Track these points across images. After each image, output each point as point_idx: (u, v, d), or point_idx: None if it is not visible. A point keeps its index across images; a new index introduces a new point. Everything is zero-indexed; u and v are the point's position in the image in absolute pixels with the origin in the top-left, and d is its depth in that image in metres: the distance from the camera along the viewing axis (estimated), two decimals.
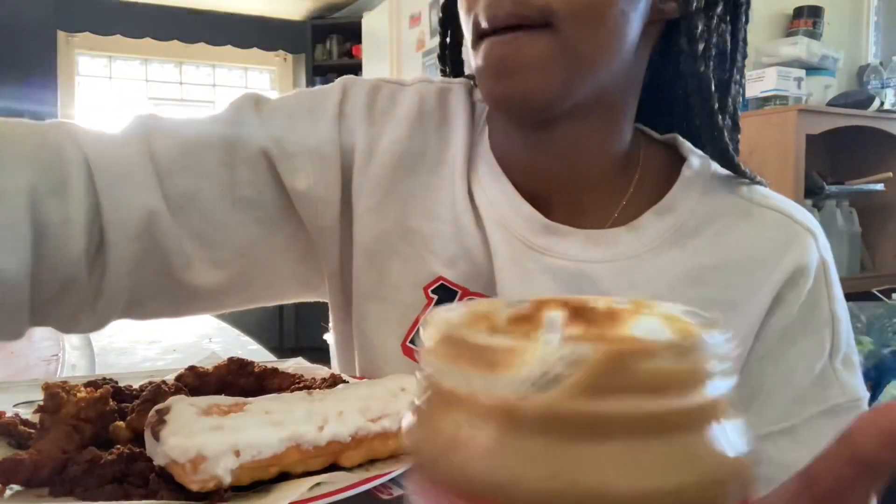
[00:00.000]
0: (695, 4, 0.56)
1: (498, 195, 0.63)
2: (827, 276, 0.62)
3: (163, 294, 0.61)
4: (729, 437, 0.24)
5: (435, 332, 0.24)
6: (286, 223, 0.65)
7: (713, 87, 0.58)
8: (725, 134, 0.59)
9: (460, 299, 0.62)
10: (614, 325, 0.30)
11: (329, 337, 0.77)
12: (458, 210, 0.63)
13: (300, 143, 0.64)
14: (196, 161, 0.61)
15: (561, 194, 0.62)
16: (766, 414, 0.59)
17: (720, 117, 0.59)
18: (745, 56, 0.64)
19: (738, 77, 0.63)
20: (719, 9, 0.59)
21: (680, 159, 0.64)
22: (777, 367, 0.59)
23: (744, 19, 0.62)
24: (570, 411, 0.22)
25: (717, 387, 0.24)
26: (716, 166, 0.63)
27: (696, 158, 0.63)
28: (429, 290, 0.63)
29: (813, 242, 0.62)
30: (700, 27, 0.56)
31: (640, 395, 0.22)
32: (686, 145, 0.65)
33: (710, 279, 0.59)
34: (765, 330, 0.59)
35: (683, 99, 0.62)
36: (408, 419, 0.25)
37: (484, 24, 0.52)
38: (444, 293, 0.63)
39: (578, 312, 0.31)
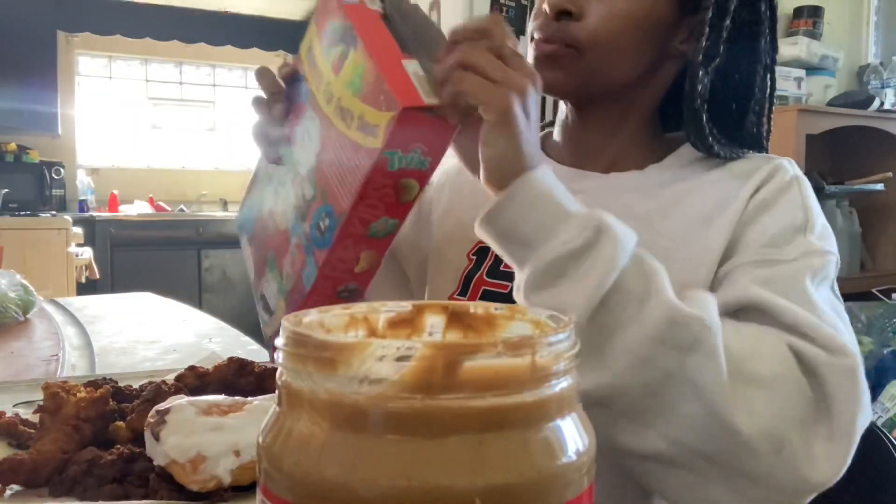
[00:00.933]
0: (700, 56, 0.68)
1: None
2: (801, 183, 0.68)
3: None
4: (568, 433, 0.24)
5: (284, 332, 0.25)
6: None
7: (704, 120, 0.69)
8: (706, 129, 0.70)
9: (492, 252, 0.69)
10: (491, 329, 0.31)
11: None
12: None
13: None
14: None
15: (601, 161, 0.76)
16: (740, 256, 0.64)
17: (710, 138, 0.70)
18: (764, 73, 0.73)
19: (756, 91, 0.72)
20: (724, 49, 0.69)
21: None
22: (755, 227, 0.65)
23: (765, 49, 0.72)
24: (403, 408, 0.22)
25: (557, 384, 0.24)
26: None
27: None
28: (470, 254, 0.76)
29: (789, 165, 0.71)
30: (700, 75, 0.68)
31: (473, 392, 0.22)
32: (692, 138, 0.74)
33: (699, 190, 0.69)
34: (746, 209, 0.66)
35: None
36: (265, 422, 0.26)
37: (533, 34, 0.71)
38: (481, 253, 0.75)
39: (457, 317, 0.32)
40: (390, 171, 0.55)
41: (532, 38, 0.72)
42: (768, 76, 0.72)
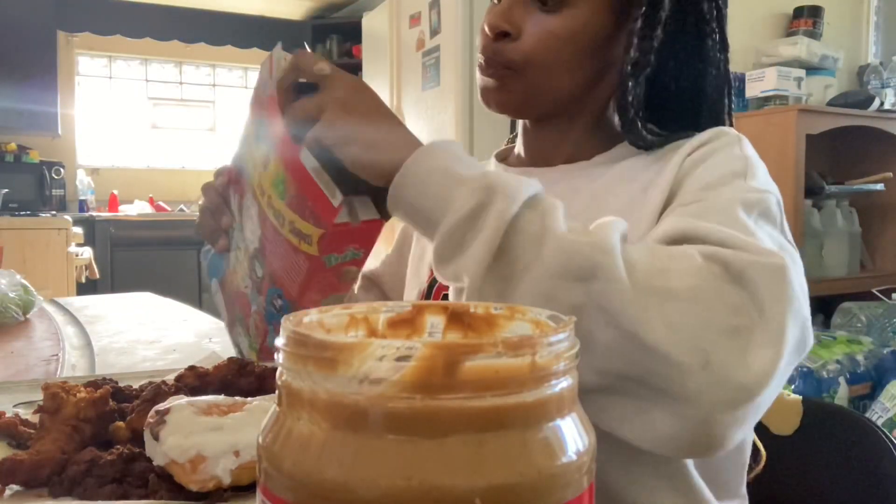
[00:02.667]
0: (629, 67, 0.69)
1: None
2: (741, 140, 0.66)
3: None
4: (568, 433, 0.24)
5: (284, 332, 0.25)
6: None
7: (629, 89, 0.69)
8: (643, 133, 0.70)
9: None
10: (491, 329, 0.31)
11: None
12: None
13: None
14: None
15: (544, 163, 0.77)
16: (675, 203, 0.62)
17: (649, 140, 0.70)
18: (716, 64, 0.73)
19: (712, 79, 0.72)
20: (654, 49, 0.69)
21: None
22: (691, 178, 0.64)
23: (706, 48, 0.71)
24: (403, 408, 0.22)
25: (557, 384, 0.24)
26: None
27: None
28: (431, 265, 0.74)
29: (732, 129, 0.69)
30: (630, 85, 0.69)
31: (473, 392, 0.22)
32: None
33: (643, 169, 0.69)
34: (682, 165, 0.65)
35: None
36: (265, 422, 0.26)
37: (479, 58, 0.74)
38: (432, 286, 0.78)
39: (457, 317, 0.32)
40: (328, 268, 0.62)
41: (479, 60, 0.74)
42: (722, 75, 0.72)
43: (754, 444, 0.72)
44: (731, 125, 0.73)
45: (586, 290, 0.48)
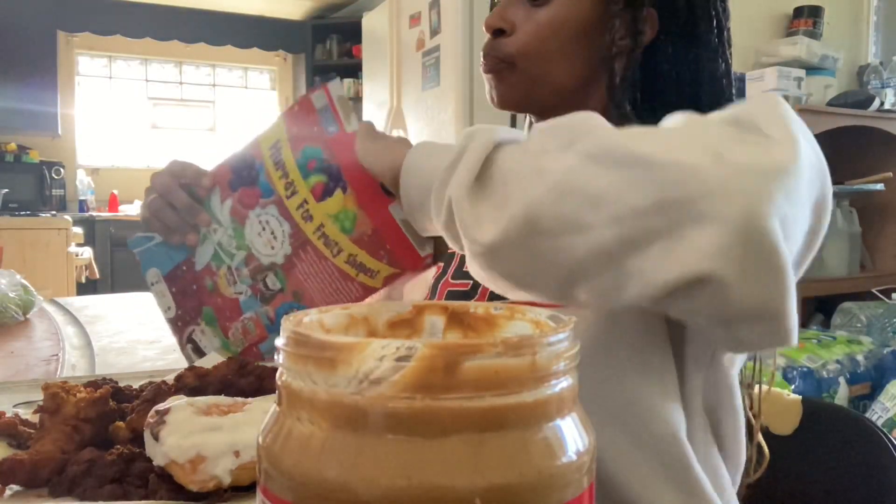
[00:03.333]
0: (614, 50, 0.70)
1: None
2: None
3: None
4: (568, 433, 0.24)
5: (284, 332, 0.25)
6: None
7: (616, 85, 0.71)
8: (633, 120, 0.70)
9: (457, 255, 0.76)
10: (491, 329, 0.31)
11: None
12: None
13: None
14: None
15: None
16: None
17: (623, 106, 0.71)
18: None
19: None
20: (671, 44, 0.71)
21: None
22: None
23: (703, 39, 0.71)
24: (403, 408, 0.22)
25: (557, 384, 0.24)
26: None
27: None
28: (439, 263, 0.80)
29: None
30: (620, 73, 0.71)
31: (473, 392, 0.22)
32: None
33: None
34: None
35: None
36: (265, 422, 0.26)
37: (481, 56, 0.76)
38: (448, 258, 0.78)
39: (457, 317, 0.32)
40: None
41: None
42: (720, 64, 0.72)
43: (759, 446, 0.71)
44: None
45: (575, 151, 0.47)
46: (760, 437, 0.71)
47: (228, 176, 0.77)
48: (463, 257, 0.64)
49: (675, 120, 0.51)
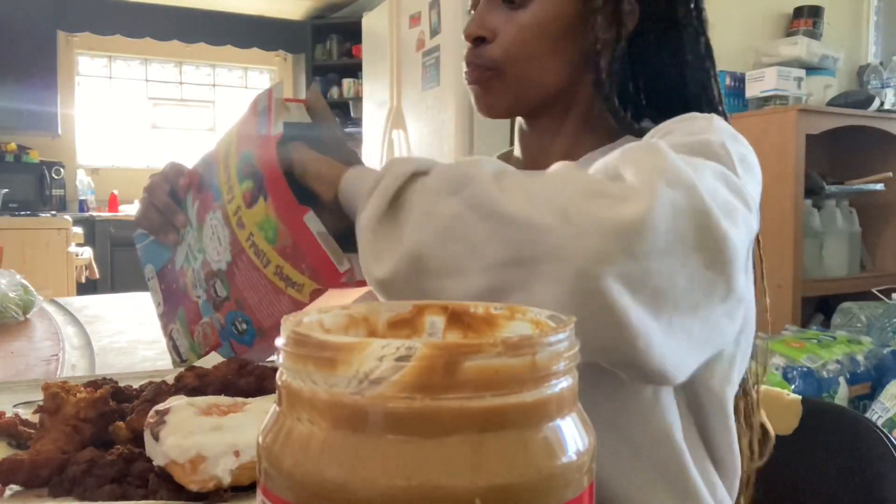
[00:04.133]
0: (599, 44, 0.69)
1: None
2: (712, 119, 0.63)
3: None
4: (568, 433, 0.24)
5: (284, 332, 0.25)
6: None
7: (603, 76, 0.71)
8: (621, 113, 0.71)
9: None
10: (491, 329, 0.31)
11: None
12: None
13: None
14: None
15: (539, 163, 0.75)
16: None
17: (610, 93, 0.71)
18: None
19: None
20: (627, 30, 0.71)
21: None
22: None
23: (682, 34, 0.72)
24: (403, 408, 0.22)
25: (557, 384, 0.24)
26: None
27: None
28: None
29: (708, 116, 0.65)
30: (603, 64, 0.70)
31: (473, 392, 0.22)
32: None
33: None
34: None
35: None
36: (265, 422, 0.26)
37: (463, 67, 0.76)
38: None
39: (457, 317, 0.32)
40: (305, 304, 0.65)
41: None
42: (701, 61, 0.72)
43: (763, 427, 0.71)
44: (722, 111, 0.71)
45: (459, 199, 0.51)
46: (763, 416, 0.71)
47: (198, 177, 0.77)
48: None
49: (559, 167, 0.55)
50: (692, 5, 0.72)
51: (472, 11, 0.77)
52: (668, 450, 0.61)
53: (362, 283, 0.63)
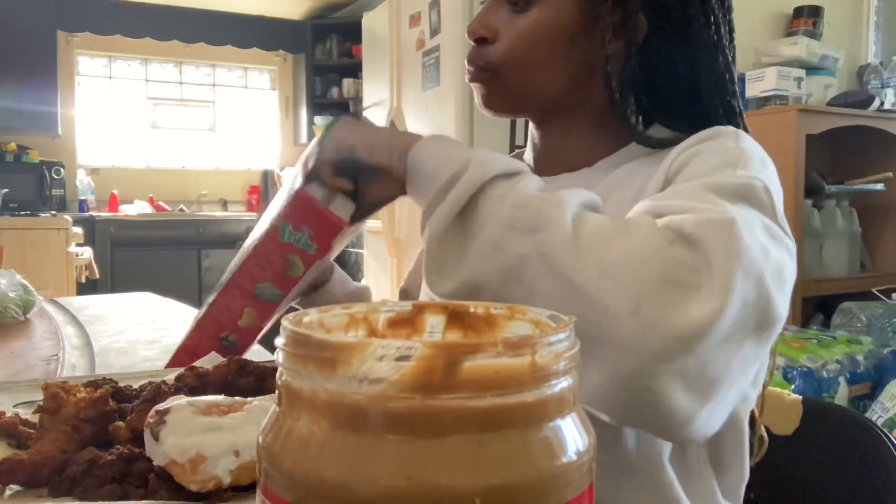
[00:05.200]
0: (608, 53, 0.69)
1: None
2: (738, 133, 0.64)
3: None
4: (568, 433, 0.24)
5: (284, 332, 0.25)
6: None
7: (614, 87, 0.70)
8: (632, 118, 0.70)
9: None
10: (491, 329, 0.31)
11: None
12: None
13: None
14: None
15: (550, 167, 0.77)
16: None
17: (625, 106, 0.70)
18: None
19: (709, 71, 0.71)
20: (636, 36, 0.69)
21: None
22: (680, 176, 0.62)
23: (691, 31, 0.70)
24: (403, 408, 0.22)
25: (557, 384, 0.24)
26: None
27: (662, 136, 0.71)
28: None
29: (733, 133, 0.65)
30: (610, 71, 0.69)
31: (473, 392, 0.22)
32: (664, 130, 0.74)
33: (639, 172, 0.69)
34: (671, 166, 0.64)
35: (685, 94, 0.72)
36: (265, 422, 0.26)
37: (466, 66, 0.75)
38: None
39: (457, 317, 0.32)
40: (280, 241, 0.66)
41: None
42: (718, 63, 0.70)
43: (752, 425, 0.71)
44: (742, 125, 0.70)
45: (532, 241, 0.50)
46: (762, 430, 0.71)
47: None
48: None
49: (644, 220, 0.51)
50: (711, 19, 0.69)
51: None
52: (655, 469, 0.61)
53: (333, 222, 0.65)
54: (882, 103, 2.56)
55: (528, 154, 0.82)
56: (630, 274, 0.46)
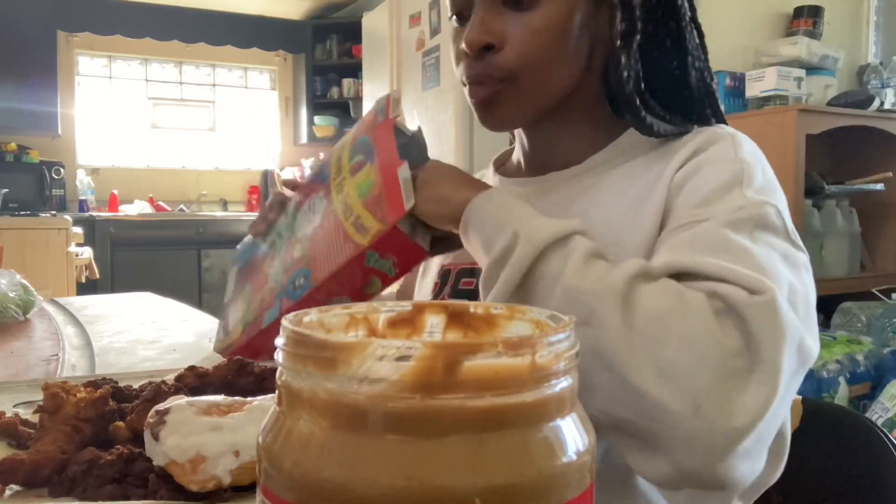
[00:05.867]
0: (619, 40, 0.66)
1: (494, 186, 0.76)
2: (736, 139, 0.64)
3: None
4: (568, 433, 0.24)
5: (284, 332, 0.25)
6: None
7: (622, 65, 0.67)
8: (638, 105, 0.67)
9: (453, 273, 0.78)
10: (491, 329, 0.31)
11: None
12: None
13: None
14: None
15: (541, 165, 0.76)
16: (670, 223, 0.61)
17: (632, 95, 0.67)
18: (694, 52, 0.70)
19: (692, 73, 0.69)
20: (637, 6, 0.67)
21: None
22: (684, 192, 0.62)
23: (682, 24, 0.69)
24: (403, 408, 0.22)
25: (557, 384, 0.24)
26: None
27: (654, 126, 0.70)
28: (437, 276, 0.81)
29: (725, 128, 0.67)
30: (624, 59, 0.66)
31: (473, 392, 0.22)
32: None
33: (636, 176, 0.68)
34: (673, 180, 0.63)
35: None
36: (265, 422, 0.26)
37: (463, 80, 0.71)
38: (444, 274, 0.80)
39: (457, 317, 0.32)
40: (364, 266, 0.67)
41: (463, 84, 0.71)
42: (702, 61, 0.70)
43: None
44: (721, 118, 0.71)
45: (584, 334, 0.49)
46: None
47: (308, 183, 0.83)
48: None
49: (694, 299, 0.50)
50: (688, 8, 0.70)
51: (456, 20, 0.72)
52: (652, 495, 0.62)
53: (417, 252, 0.66)
54: (882, 103, 2.56)
55: (517, 153, 0.81)
56: (687, 374, 0.47)
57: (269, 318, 0.74)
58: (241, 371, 0.63)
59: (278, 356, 0.25)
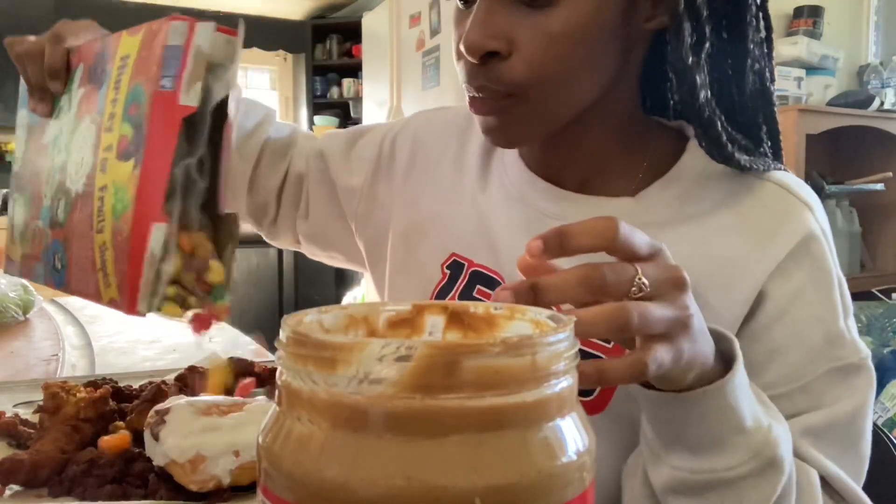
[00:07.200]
0: (681, 8, 0.55)
1: (517, 176, 0.69)
2: (829, 242, 0.63)
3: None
4: (568, 432, 0.24)
5: (284, 332, 0.25)
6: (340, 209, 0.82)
7: (699, 84, 0.56)
8: (718, 125, 0.58)
9: (467, 271, 0.68)
10: (491, 329, 0.31)
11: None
12: (475, 195, 0.71)
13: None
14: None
15: (574, 173, 0.65)
16: (781, 374, 0.59)
17: (707, 111, 0.58)
18: (757, 52, 0.60)
19: (750, 74, 0.60)
20: (705, 13, 0.56)
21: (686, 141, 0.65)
22: (789, 328, 0.58)
23: (748, 19, 0.59)
24: (403, 408, 0.22)
25: (557, 384, 0.24)
26: None
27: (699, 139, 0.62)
28: (444, 266, 0.70)
29: (810, 214, 0.62)
30: (691, 62, 0.56)
31: (473, 392, 0.22)
32: (691, 129, 0.65)
33: (711, 240, 0.60)
34: (773, 294, 0.58)
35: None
36: (265, 422, 0.26)
37: (464, 85, 0.59)
38: (456, 267, 0.69)
39: (457, 317, 0.32)
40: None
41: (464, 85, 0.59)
42: (764, 71, 0.61)
43: None
44: (776, 138, 0.65)
45: None
46: None
47: (92, 57, 0.63)
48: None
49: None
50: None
51: (460, 1, 0.59)
52: None
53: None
54: (882, 103, 2.56)
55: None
56: None
57: (36, 276, 0.59)
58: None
59: (278, 356, 0.25)
